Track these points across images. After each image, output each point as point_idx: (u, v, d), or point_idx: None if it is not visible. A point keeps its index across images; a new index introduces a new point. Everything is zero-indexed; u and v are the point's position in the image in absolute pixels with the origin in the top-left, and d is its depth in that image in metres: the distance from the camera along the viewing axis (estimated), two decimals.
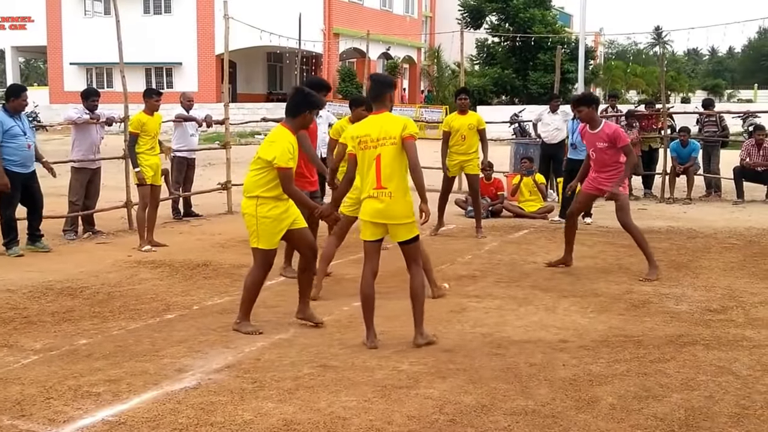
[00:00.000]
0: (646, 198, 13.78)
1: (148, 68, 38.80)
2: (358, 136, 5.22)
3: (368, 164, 5.19)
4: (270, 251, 5.58)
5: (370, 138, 5.17)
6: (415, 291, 5.29)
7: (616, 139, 7.42)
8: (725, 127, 14.42)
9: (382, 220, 5.18)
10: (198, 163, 12.63)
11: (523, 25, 36.61)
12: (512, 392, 4.43)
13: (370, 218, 5.21)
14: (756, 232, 10.07)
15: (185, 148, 11.49)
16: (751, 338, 5.51)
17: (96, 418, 4.05)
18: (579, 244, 8.74)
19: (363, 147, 5.20)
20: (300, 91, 5.74)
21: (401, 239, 5.23)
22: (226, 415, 4.07)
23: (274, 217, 5.47)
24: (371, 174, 5.17)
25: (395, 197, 5.14)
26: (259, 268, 5.63)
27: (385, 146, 5.14)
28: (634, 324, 5.88)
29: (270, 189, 5.44)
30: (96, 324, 5.86)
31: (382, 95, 5.32)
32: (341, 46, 39.16)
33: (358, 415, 4.09)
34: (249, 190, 5.53)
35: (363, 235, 5.30)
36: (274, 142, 5.42)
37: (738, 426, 4.00)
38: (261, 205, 5.44)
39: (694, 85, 56.68)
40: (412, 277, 5.31)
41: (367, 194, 5.20)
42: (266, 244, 5.52)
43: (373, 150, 5.16)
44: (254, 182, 5.48)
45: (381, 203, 5.15)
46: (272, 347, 5.27)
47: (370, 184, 5.18)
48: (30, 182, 8.65)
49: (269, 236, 5.50)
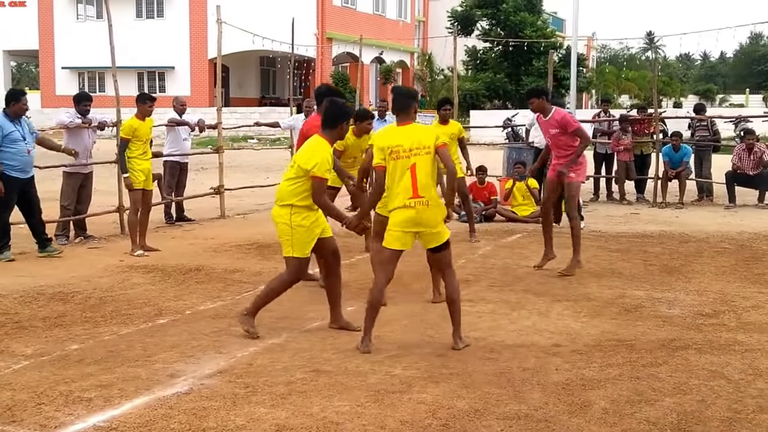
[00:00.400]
0: (638, 202, 13.82)
1: (140, 72, 38.72)
2: (389, 147, 5.27)
3: (400, 174, 5.24)
4: (304, 260, 5.60)
5: (403, 148, 5.25)
6: (451, 296, 5.38)
7: (566, 124, 7.77)
8: (716, 131, 14.48)
9: (418, 228, 5.25)
10: (191, 167, 12.59)
11: (515, 28, 36.70)
12: (505, 397, 4.43)
13: (403, 228, 5.25)
14: (748, 237, 10.11)
15: (178, 152, 11.47)
16: (743, 342, 5.53)
17: (87, 424, 4.03)
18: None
19: (395, 157, 5.25)
20: (336, 103, 5.80)
21: (434, 245, 5.32)
22: (218, 421, 4.06)
23: (308, 226, 5.50)
24: (404, 183, 5.22)
25: (431, 205, 5.24)
26: (291, 276, 5.64)
27: (420, 156, 5.23)
28: (627, 328, 5.90)
29: (304, 198, 5.48)
30: (88, 329, 5.84)
31: (407, 108, 5.43)
32: (334, 51, 39.17)
33: (351, 420, 4.08)
34: (282, 199, 5.55)
35: (390, 243, 5.31)
36: (315, 151, 5.47)
37: (730, 430, 4.01)
38: (295, 214, 5.47)
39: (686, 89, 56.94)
40: (447, 282, 5.40)
41: (401, 204, 5.23)
42: (300, 252, 5.54)
43: (405, 160, 5.23)
44: (289, 191, 5.51)
45: (417, 212, 5.21)
46: (265, 352, 5.26)
47: (405, 194, 5.22)
48: (28, 187, 8.63)
49: (303, 245, 5.53)
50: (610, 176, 14.42)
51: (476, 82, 37.77)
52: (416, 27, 50.42)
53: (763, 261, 8.51)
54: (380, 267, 5.41)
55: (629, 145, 13.77)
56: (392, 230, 5.29)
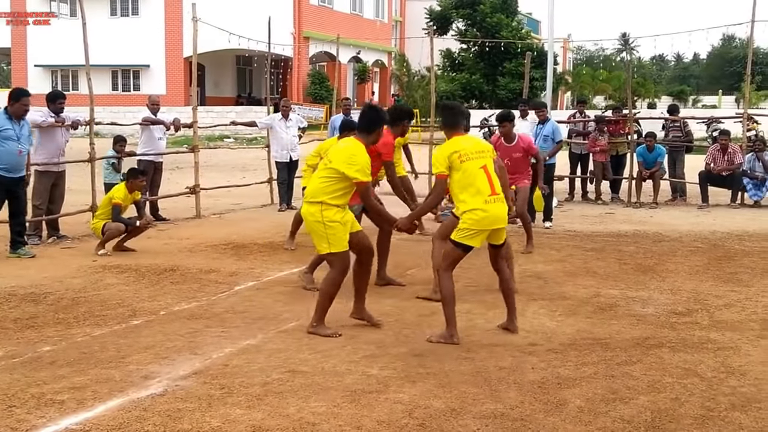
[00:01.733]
0: (613, 202, 13.92)
1: (114, 71, 38.40)
2: (456, 151, 5.48)
3: (473, 174, 5.47)
4: (345, 253, 5.63)
5: (470, 152, 5.52)
6: (509, 283, 5.79)
7: (530, 148, 8.97)
8: (689, 132, 14.65)
9: (496, 225, 5.50)
10: (165, 166, 12.51)
11: (491, 30, 36.85)
12: (482, 396, 4.45)
13: (489, 225, 5.47)
14: (720, 236, 10.22)
15: (152, 151, 11.38)
16: (716, 340, 5.59)
17: (60, 427, 3.98)
18: (547, 248, 8.84)
19: (465, 159, 5.47)
20: (374, 108, 6.03)
21: (501, 241, 5.64)
22: (193, 422, 4.03)
23: (340, 220, 5.56)
24: (480, 183, 5.46)
25: (505, 203, 5.59)
26: (338, 272, 5.65)
27: (486, 158, 5.55)
28: (602, 327, 5.94)
29: (336, 197, 5.54)
30: (60, 330, 5.76)
31: (459, 123, 5.75)
32: (311, 50, 39.08)
33: (328, 420, 4.07)
34: (314, 195, 5.58)
35: (474, 242, 5.49)
36: (355, 155, 5.53)
37: (703, 427, 4.05)
38: (326, 210, 5.52)
39: (660, 90, 57.46)
40: (502, 273, 5.74)
41: (482, 202, 5.42)
42: (339, 247, 5.58)
43: (476, 161, 5.49)
44: (321, 188, 5.56)
45: (498, 209, 5.47)
46: (240, 353, 5.22)
47: (484, 192, 5.44)
48: (15, 188, 8.53)
49: (340, 240, 5.57)
50: (585, 176, 14.53)
51: (453, 83, 37.86)
52: (393, 27, 50.48)
53: (735, 260, 8.61)
54: (453, 264, 5.60)
55: (605, 147, 13.88)
56: (473, 229, 5.44)
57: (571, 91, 48.60)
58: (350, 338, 5.57)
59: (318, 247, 5.66)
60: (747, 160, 13.34)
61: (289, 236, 9.09)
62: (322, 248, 5.61)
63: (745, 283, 7.49)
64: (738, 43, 68.00)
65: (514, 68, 35.35)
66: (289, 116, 12.84)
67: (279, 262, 8.36)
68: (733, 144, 13.62)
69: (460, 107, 6.04)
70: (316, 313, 5.70)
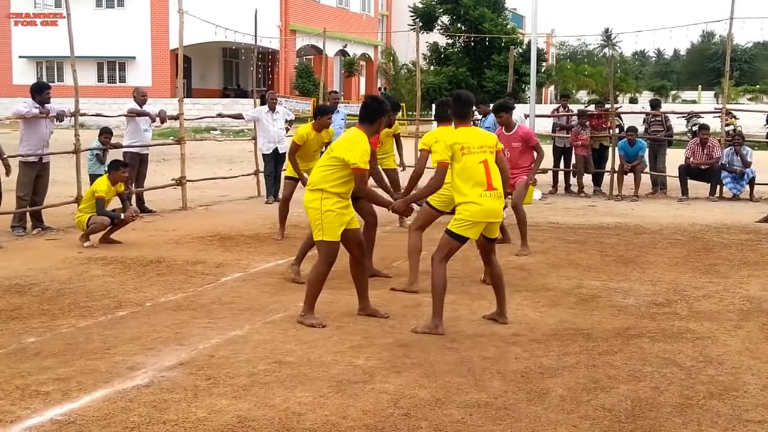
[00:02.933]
0: (595, 195, 14.03)
1: (100, 62, 38.14)
2: (459, 143, 5.57)
3: (472, 168, 5.56)
4: (334, 243, 5.67)
5: (473, 145, 5.60)
6: (500, 276, 5.85)
7: (529, 139, 8.78)
8: (669, 126, 14.78)
9: (491, 219, 5.58)
10: (151, 158, 12.48)
11: (474, 22, 36.89)
12: (466, 385, 4.50)
13: (484, 218, 5.55)
14: (699, 229, 10.33)
15: (138, 143, 11.36)
16: (695, 330, 5.67)
17: (44, 418, 3.99)
18: (530, 240, 8.89)
19: (466, 152, 5.56)
20: (376, 99, 6.08)
21: (495, 235, 5.75)
22: (179, 413, 4.05)
23: (337, 210, 5.60)
24: (479, 176, 5.55)
25: (502, 198, 5.64)
26: (324, 261, 5.71)
27: (487, 153, 5.63)
28: (584, 318, 6.01)
29: (336, 185, 5.60)
30: (45, 322, 5.76)
31: (468, 113, 5.87)
32: (298, 43, 38.97)
33: (314, 410, 4.11)
34: (315, 183, 5.66)
35: (470, 234, 5.59)
36: (356, 143, 5.62)
37: (682, 415, 4.12)
38: (326, 198, 5.59)
39: (642, 86, 57.82)
40: (493, 266, 5.85)
41: (477, 195, 5.51)
42: (330, 236, 5.63)
43: (477, 155, 5.58)
44: (323, 177, 5.63)
45: (493, 203, 5.55)
46: (227, 344, 5.25)
47: (480, 187, 5.53)
48: None
49: (333, 229, 5.61)
50: (569, 169, 14.64)
51: (439, 76, 37.89)
52: (380, 21, 50.41)
53: (713, 252, 8.72)
54: (448, 255, 5.66)
55: (587, 141, 13.98)
56: (468, 220, 5.52)
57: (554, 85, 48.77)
58: (336, 329, 5.61)
59: (313, 233, 5.76)
60: (725, 154, 13.48)
61: (279, 228, 9.17)
62: (316, 235, 5.70)
63: (723, 274, 7.59)
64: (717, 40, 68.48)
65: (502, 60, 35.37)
66: (275, 109, 12.85)
67: (265, 254, 8.38)
68: (712, 138, 13.75)
69: (471, 98, 6.01)
70: (306, 303, 5.75)
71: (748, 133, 20.21)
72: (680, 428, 3.96)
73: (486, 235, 5.72)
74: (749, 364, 4.94)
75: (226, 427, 3.89)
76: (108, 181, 9.04)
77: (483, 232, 5.67)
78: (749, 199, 13.17)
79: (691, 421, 4.04)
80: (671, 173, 13.98)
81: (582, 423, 4.00)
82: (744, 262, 8.20)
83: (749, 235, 9.79)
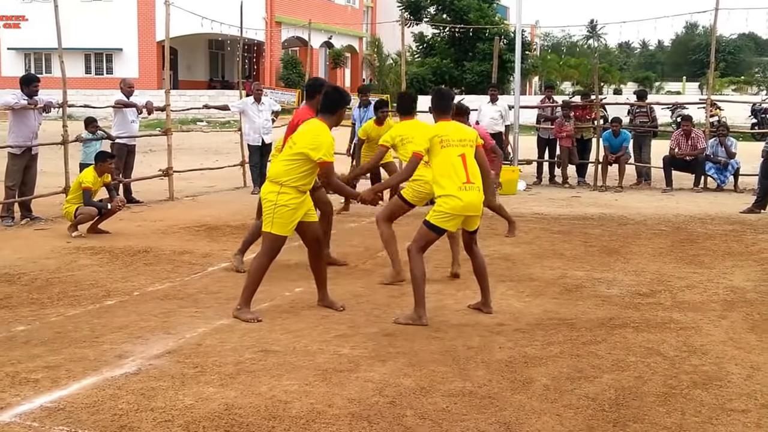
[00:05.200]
0: (579, 186, 14.09)
1: (87, 54, 37.92)
2: (439, 135, 5.60)
3: (451, 161, 5.57)
4: (280, 238, 5.63)
5: (452, 138, 5.62)
6: (482, 267, 5.89)
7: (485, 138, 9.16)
8: (654, 118, 14.87)
9: (469, 212, 5.59)
10: (139, 149, 12.44)
11: (460, 13, 36.88)
12: (450, 374, 4.53)
13: (462, 212, 5.56)
14: (683, 219, 10.42)
15: (125, 134, 11.33)
16: (678, 320, 5.73)
17: (34, 405, 4.01)
18: (516, 231, 8.97)
19: (445, 145, 5.59)
20: (336, 89, 6.07)
21: (475, 228, 5.76)
22: (166, 400, 4.07)
23: (293, 206, 5.56)
24: (457, 170, 5.56)
25: (480, 192, 5.64)
26: (266, 254, 5.67)
27: (466, 147, 5.65)
28: (568, 307, 6.07)
29: (296, 179, 5.56)
30: (34, 310, 5.77)
31: (449, 108, 5.90)
32: (283, 35, 38.83)
33: (299, 398, 4.13)
34: (276, 176, 5.62)
35: (448, 226, 5.63)
36: (319, 135, 5.56)
37: (665, 405, 4.14)
38: (282, 193, 5.54)
39: (626, 77, 57.96)
40: (475, 257, 5.86)
41: (455, 189, 5.53)
42: (279, 230, 5.59)
43: (455, 148, 5.60)
44: (284, 170, 5.58)
45: (471, 197, 5.55)
46: (214, 332, 5.28)
47: (458, 180, 5.54)
48: None
49: (283, 224, 5.58)
50: (553, 161, 14.72)
51: (423, 67, 37.87)
52: (364, 12, 50.30)
53: (697, 242, 8.79)
54: (425, 246, 5.70)
55: (571, 132, 14.06)
56: (447, 213, 5.54)
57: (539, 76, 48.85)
58: (322, 318, 5.65)
59: (263, 224, 5.68)
60: (710, 145, 13.56)
61: (256, 218, 9.16)
62: (265, 225, 5.64)
63: (707, 264, 7.67)
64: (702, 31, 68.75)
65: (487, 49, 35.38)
66: (261, 100, 12.84)
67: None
68: (696, 129, 13.84)
69: (450, 93, 6.16)
70: (243, 296, 5.67)
71: (732, 124, 20.35)
72: (664, 417, 3.98)
73: (466, 228, 5.75)
74: (733, 354, 4.98)
75: (213, 414, 3.92)
76: (95, 172, 9.03)
77: (462, 225, 5.70)
78: (734, 190, 13.26)
79: (675, 411, 4.07)
80: (656, 164, 14.07)
81: (566, 412, 4.03)
82: (728, 252, 8.28)
83: (733, 226, 9.88)
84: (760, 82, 53.91)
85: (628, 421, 3.94)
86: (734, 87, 51.84)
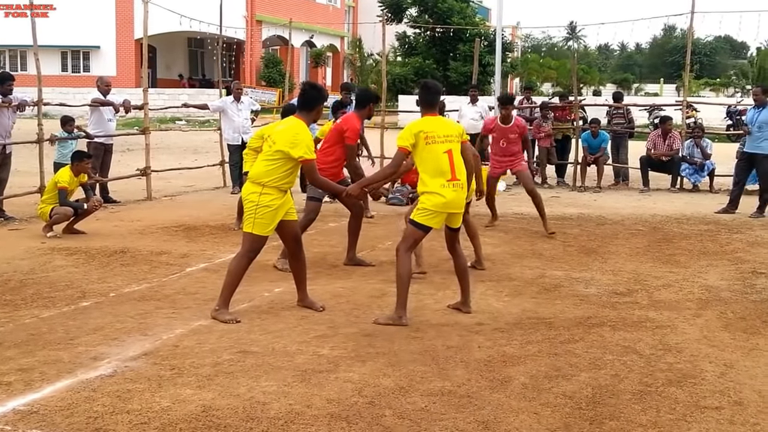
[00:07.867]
0: (559, 186, 14.18)
1: (64, 51, 37.53)
2: (424, 132, 5.54)
3: (436, 157, 5.53)
4: (261, 238, 5.61)
5: (437, 134, 5.56)
6: (464, 266, 5.92)
7: (524, 129, 9.56)
8: (631, 119, 15.01)
9: (453, 210, 5.59)
10: (116, 148, 12.34)
11: (442, 15, 36.99)
12: (430, 374, 4.54)
13: (444, 209, 5.55)
14: (660, 219, 10.51)
15: (102, 133, 11.23)
16: (654, 319, 5.79)
17: (6, 408, 3.96)
18: (496, 230, 9.01)
19: (430, 141, 5.53)
20: (314, 86, 6.03)
21: (458, 225, 5.76)
22: (143, 403, 4.04)
23: (274, 207, 5.54)
24: (443, 166, 5.52)
25: (465, 189, 5.64)
26: (245, 254, 5.64)
27: (453, 143, 5.61)
28: (546, 307, 6.10)
29: (278, 180, 5.54)
30: (7, 312, 5.70)
31: (435, 102, 5.83)
32: (264, 34, 38.69)
33: (278, 399, 4.12)
34: (257, 177, 5.58)
35: (432, 223, 5.58)
36: (298, 134, 5.53)
37: (641, 402, 4.19)
38: (264, 194, 5.52)
39: (605, 78, 58.46)
40: (458, 257, 5.87)
41: (440, 185, 5.50)
42: (260, 230, 5.57)
43: (441, 144, 5.55)
44: (265, 171, 5.55)
45: (456, 194, 5.54)
46: (191, 334, 5.24)
47: (443, 176, 5.51)
48: None
49: (264, 225, 5.56)
50: (532, 161, 14.76)
51: (405, 67, 37.92)
52: (346, 12, 50.25)
53: (673, 242, 8.87)
54: (413, 246, 5.69)
55: (549, 132, 14.14)
56: (430, 210, 5.52)
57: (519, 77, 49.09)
58: (301, 319, 5.63)
59: (244, 224, 5.66)
60: (686, 146, 13.72)
61: (237, 218, 9.13)
62: (246, 226, 5.62)
63: (683, 264, 7.74)
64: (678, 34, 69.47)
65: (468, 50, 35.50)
66: (241, 99, 12.78)
67: (231, 244, 8.33)
68: (673, 130, 13.98)
69: (438, 87, 6.03)
70: (221, 296, 5.64)
71: (708, 125, 20.53)
72: (639, 415, 4.02)
73: (449, 225, 5.75)
74: (707, 352, 5.04)
75: (191, 416, 3.89)
76: (71, 172, 8.94)
77: (446, 222, 5.70)
78: (709, 191, 13.40)
79: (650, 408, 4.11)
80: (633, 165, 14.19)
81: (543, 410, 4.06)
82: (703, 252, 8.37)
83: (708, 226, 9.99)
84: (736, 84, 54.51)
85: (605, 419, 3.97)
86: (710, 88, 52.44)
